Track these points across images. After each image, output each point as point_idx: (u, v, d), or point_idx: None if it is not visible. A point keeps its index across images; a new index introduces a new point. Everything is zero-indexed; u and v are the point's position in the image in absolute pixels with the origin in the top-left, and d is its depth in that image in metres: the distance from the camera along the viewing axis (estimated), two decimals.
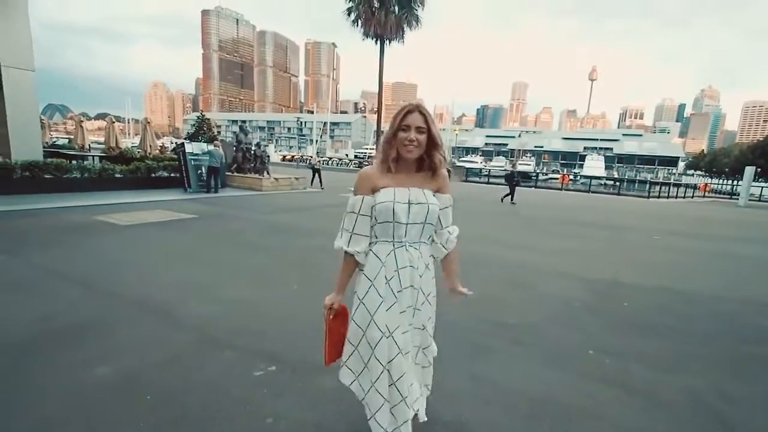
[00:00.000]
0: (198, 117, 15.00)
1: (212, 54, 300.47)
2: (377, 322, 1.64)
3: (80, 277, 4.27)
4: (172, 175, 12.40)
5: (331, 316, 1.79)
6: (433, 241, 1.74)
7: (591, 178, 31.49)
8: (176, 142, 14.37)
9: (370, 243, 1.68)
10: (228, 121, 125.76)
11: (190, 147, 12.27)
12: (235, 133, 15.18)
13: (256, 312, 3.60)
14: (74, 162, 11.26)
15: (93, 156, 14.45)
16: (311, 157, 30.76)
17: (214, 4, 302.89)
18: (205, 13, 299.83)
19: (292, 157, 41.80)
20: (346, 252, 1.69)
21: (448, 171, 1.93)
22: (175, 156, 12.75)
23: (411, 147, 1.58)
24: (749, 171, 20.99)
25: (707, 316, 4.22)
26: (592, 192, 24.82)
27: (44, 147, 14.86)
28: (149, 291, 3.94)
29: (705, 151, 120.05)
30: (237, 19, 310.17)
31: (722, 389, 2.74)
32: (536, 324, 3.71)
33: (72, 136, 18.48)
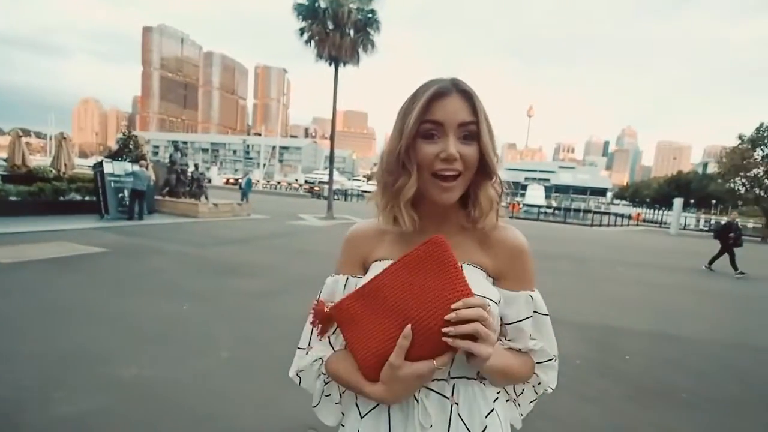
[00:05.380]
0: (123, 133, 13.21)
1: (153, 72, 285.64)
2: None
3: None
4: (87, 198, 10.55)
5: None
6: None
7: (533, 206, 32.62)
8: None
9: None
10: (167, 141, 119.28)
11: (110, 167, 10.54)
12: (170, 153, 13.59)
13: (162, 403, 2.43)
14: None
15: None
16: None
17: (157, 23, 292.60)
18: (147, 29, 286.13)
19: (237, 180, 39.47)
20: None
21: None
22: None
23: (451, 175, 0.70)
24: (678, 203, 22.54)
25: (722, 373, 3.66)
26: (540, 220, 25.42)
27: None
28: None
29: (628, 183, 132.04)
30: (182, 39, 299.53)
31: None
32: (545, 398, 2.87)
33: None
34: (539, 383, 0.81)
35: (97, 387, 2.56)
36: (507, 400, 0.81)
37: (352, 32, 15.40)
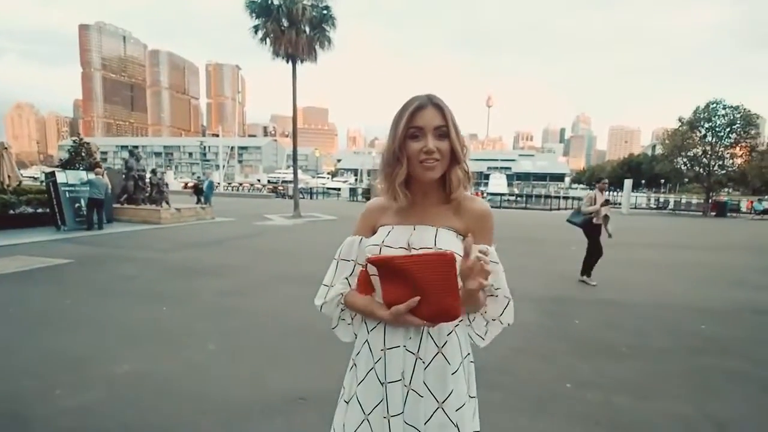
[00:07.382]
0: (75, 141, 12.66)
1: (94, 73, 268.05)
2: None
3: None
4: (39, 210, 10.10)
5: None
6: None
7: (496, 194, 33.88)
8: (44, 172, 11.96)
9: None
10: (116, 146, 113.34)
11: (63, 176, 10.14)
12: (124, 159, 13.16)
13: (159, 391, 2.61)
14: None
15: None
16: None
17: (95, 20, 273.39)
18: (83, 27, 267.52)
19: (195, 185, 37.99)
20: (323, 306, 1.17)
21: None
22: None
23: (431, 162, 0.99)
24: (628, 183, 24.14)
25: (655, 328, 4.21)
26: (503, 207, 26.46)
27: None
28: None
29: (584, 168, 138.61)
30: (124, 37, 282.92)
31: (707, 412, 2.56)
32: (505, 358, 3.28)
33: None
34: (486, 312, 1.09)
35: (91, 382, 2.70)
36: (467, 325, 1.12)
37: (307, 29, 15.39)
